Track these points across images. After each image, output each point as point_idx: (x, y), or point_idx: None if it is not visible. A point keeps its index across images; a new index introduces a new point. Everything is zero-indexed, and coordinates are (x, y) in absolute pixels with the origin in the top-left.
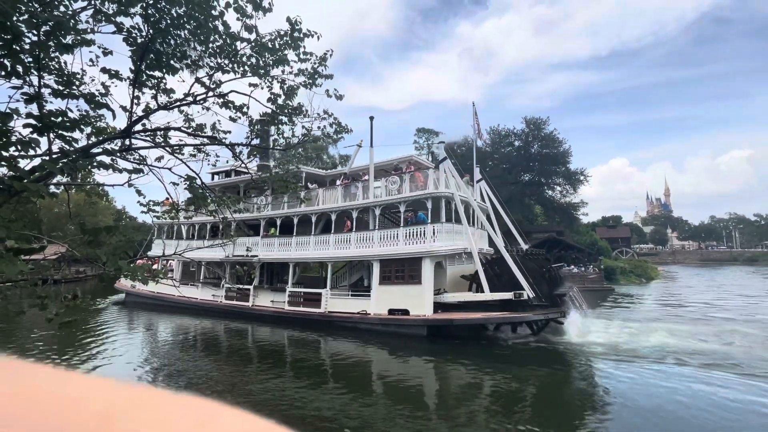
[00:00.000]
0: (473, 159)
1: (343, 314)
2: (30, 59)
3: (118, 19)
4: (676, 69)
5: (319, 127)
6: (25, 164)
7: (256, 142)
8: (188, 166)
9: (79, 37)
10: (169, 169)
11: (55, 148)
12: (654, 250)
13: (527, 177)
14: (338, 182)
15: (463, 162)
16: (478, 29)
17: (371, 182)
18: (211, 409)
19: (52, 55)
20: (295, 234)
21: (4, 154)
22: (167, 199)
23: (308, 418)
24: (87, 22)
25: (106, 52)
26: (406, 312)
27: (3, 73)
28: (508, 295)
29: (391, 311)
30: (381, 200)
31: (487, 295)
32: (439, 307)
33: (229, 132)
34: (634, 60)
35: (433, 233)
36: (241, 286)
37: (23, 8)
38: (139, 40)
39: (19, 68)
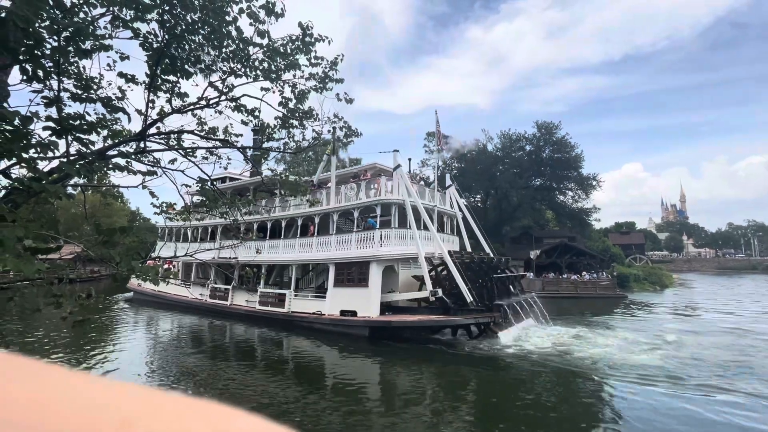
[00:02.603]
0: (436, 166)
1: (302, 314)
2: (50, 64)
3: (135, 24)
4: (692, 73)
5: (329, 131)
6: (43, 166)
7: (268, 144)
8: (200, 169)
9: (97, 43)
10: (182, 171)
11: (72, 150)
12: (669, 257)
13: (538, 182)
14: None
15: (474, 166)
16: (489, 34)
17: (333, 189)
18: (228, 415)
19: (72, 60)
20: (267, 237)
21: (24, 155)
22: (171, 206)
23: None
24: (105, 27)
25: (123, 57)
26: (354, 313)
27: (25, 77)
28: (425, 294)
29: (342, 312)
30: (338, 206)
31: (408, 294)
32: (388, 309)
33: (241, 135)
34: (647, 64)
35: (381, 238)
36: (222, 286)
37: (45, 15)
38: (154, 46)
39: (40, 73)
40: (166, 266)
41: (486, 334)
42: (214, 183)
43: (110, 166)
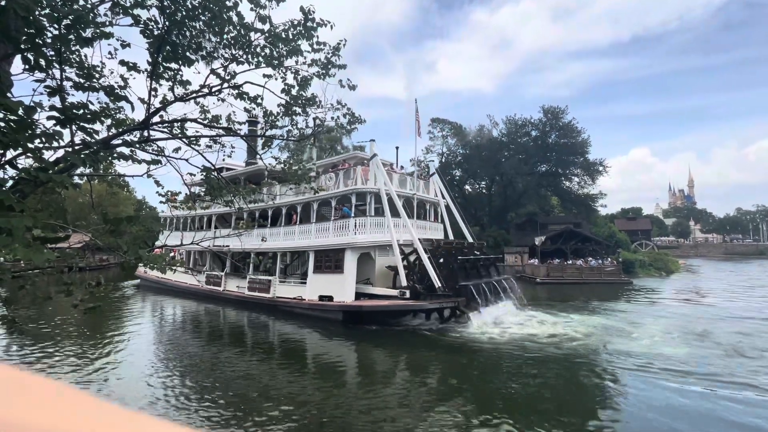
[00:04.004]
0: (415, 151)
1: (285, 299)
2: (52, 53)
3: (135, 11)
4: (703, 55)
5: (332, 118)
6: (49, 156)
7: (271, 132)
8: (204, 157)
9: (98, 31)
10: (186, 160)
11: (77, 140)
12: (675, 243)
13: (544, 167)
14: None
15: (479, 153)
16: (494, 16)
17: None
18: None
19: (73, 48)
20: (256, 226)
21: (30, 146)
22: (174, 195)
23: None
24: (105, 15)
25: (124, 45)
26: (331, 298)
27: (27, 66)
28: (394, 292)
29: (321, 297)
30: (317, 196)
31: (378, 290)
32: (364, 295)
33: (244, 123)
34: (657, 46)
35: (355, 226)
36: (216, 273)
37: (44, 2)
38: (155, 33)
39: (42, 62)
40: (172, 254)
41: (456, 317)
42: (219, 172)
43: (115, 155)
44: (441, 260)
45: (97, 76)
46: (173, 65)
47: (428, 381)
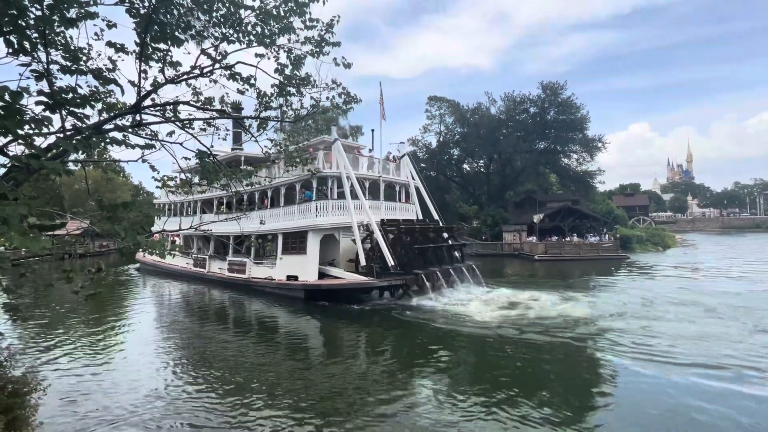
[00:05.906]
0: (381, 133)
1: (257, 279)
2: (36, 35)
3: None
4: (705, 26)
5: (327, 98)
6: (40, 142)
7: (265, 114)
8: (199, 141)
9: (82, 10)
10: (181, 143)
11: (68, 126)
12: (672, 218)
13: (542, 145)
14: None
15: (477, 131)
16: None
17: (281, 164)
18: None
19: (57, 29)
20: (234, 210)
21: (20, 132)
22: (168, 180)
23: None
24: None
25: (110, 25)
26: (296, 278)
27: (11, 50)
28: (359, 277)
29: (288, 277)
30: (283, 181)
31: (338, 272)
32: (328, 275)
33: (234, 108)
34: (658, 18)
35: (316, 209)
36: (201, 256)
37: None
38: (142, 11)
39: (26, 44)
40: (171, 239)
41: (406, 294)
42: (214, 155)
43: (107, 140)
44: (400, 240)
45: (84, 58)
46: (162, 46)
47: (371, 349)
